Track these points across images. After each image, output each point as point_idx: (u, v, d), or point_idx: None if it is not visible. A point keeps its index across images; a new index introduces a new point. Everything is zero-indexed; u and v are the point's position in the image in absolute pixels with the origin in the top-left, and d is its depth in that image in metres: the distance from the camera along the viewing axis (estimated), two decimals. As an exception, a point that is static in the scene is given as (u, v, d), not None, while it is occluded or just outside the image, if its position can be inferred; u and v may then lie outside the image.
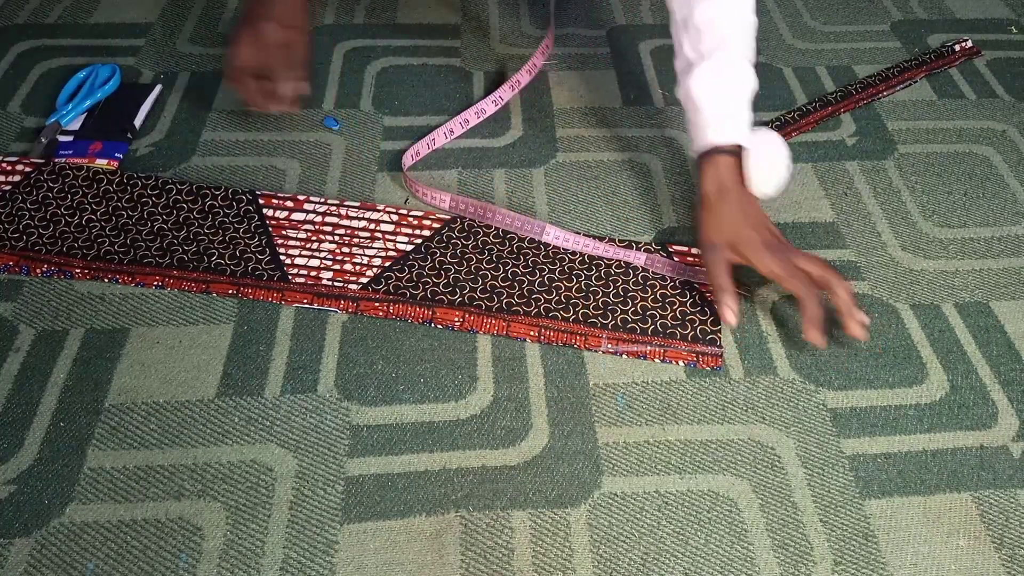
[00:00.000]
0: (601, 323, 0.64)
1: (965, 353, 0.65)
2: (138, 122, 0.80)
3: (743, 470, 0.57)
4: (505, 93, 0.86)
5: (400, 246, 0.69)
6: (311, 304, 0.65)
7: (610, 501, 0.55)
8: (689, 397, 0.61)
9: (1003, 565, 0.53)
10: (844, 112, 0.87)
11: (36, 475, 0.55)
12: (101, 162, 0.76)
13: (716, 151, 0.67)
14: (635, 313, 0.64)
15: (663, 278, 0.68)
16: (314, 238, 0.70)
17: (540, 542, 0.53)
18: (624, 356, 0.63)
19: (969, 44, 0.96)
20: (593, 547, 0.53)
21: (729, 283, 0.63)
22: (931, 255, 0.73)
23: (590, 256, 0.69)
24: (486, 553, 0.52)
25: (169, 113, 0.83)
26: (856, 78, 0.92)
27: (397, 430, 0.58)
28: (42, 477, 0.55)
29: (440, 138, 0.80)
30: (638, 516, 0.54)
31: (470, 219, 0.72)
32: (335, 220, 0.71)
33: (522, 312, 0.65)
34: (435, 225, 0.71)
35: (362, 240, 0.70)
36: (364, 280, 0.66)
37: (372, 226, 0.71)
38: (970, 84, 0.92)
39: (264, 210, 0.72)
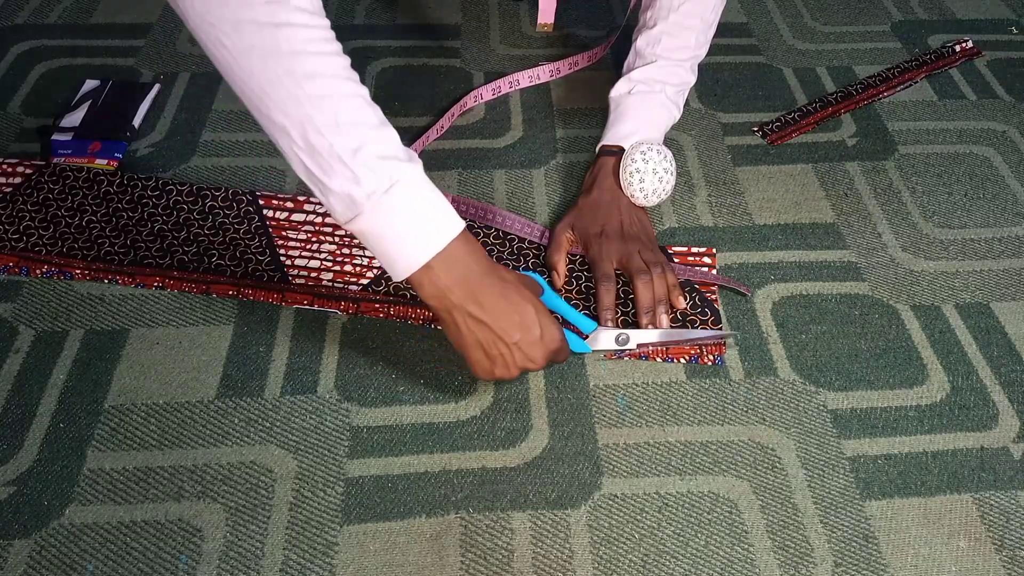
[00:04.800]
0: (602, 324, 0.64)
1: (966, 354, 0.65)
2: (137, 122, 0.80)
3: (743, 471, 0.57)
4: (563, 67, 0.90)
5: None
6: (311, 305, 0.65)
7: (610, 502, 0.55)
8: (689, 398, 0.61)
9: (1004, 566, 0.53)
10: (844, 113, 0.87)
11: (36, 476, 0.55)
12: (100, 162, 0.76)
13: (606, 151, 0.74)
14: (636, 315, 0.64)
15: None
16: (314, 239, 0.70)
17: (540, 543, 0.53)
18: (626, 357, 0.63)
19: (969, 44, 0.96)
20: (593, 548, 0.53)
21: (559, 260, 0.68)
22: (932, 256, 0.72)
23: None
24: (486, 554, 0.52)
25: (169, 114, 0.83)
26: (856, 79, 0.92)
27: (397, 431, 0.58)
28: (42, 478, 0.54)
29: (434, 134, 0.80)
30: (638, 517, 0.54)
31: (470, 220, 0.72)
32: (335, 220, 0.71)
33: None
34: None
35: None
36: (364, 281, 0.66)
37: None
38: (971, 85, 0.92)
39: (264, 211, 0.72)
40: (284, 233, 0.70)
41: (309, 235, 0.70)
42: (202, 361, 0.62)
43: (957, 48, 0.96)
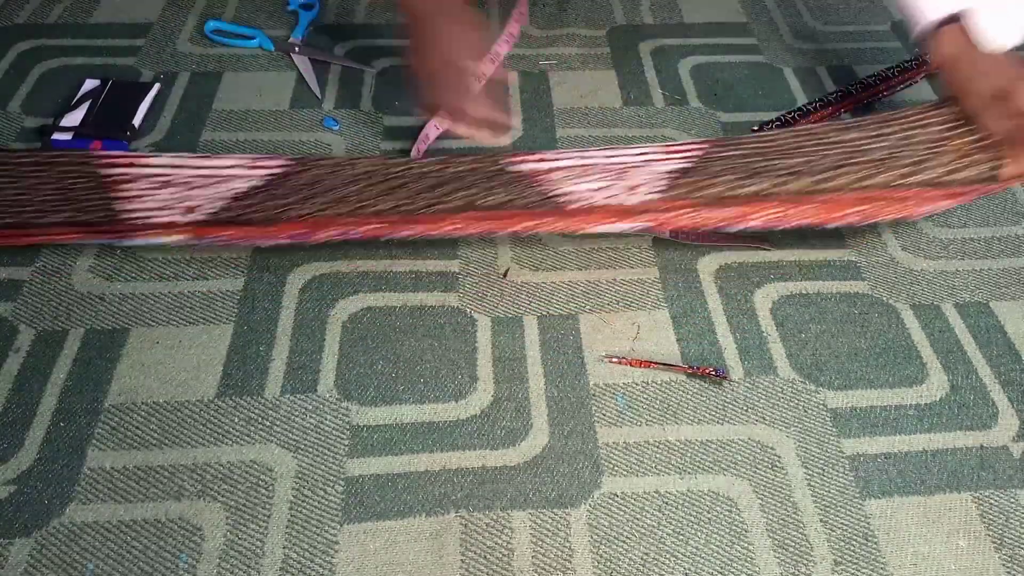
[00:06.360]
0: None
1: (965, 353, 0.65)
2: (137, 121, 0.80)
3: (743, 470, 0.57)
4: (486, 68, 0.84)
5: (253, 183, 0.67)
6: (152, 237, 0.64)
7: (610, 501, 0.55)
8: (689, 397, 0.61)
9: (1003, 565, 0.53)
10: (845, 112, 0.87)
11: (36, 475, 0.55)
12: (100, 162, 0.76)
13: (934, 27, 0.66)
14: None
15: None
16: (158, 186, 0.66)
17: (540, 542, 0.53)
18: (624, 364, 0.63)
19: (969, 44, 0.96)
20: (593, 547, 0.53)
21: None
22: (931, 255, 0.73)
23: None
24: (486, 553, 0.52)
25: (169, 113, 0.83)
26: (857, 78, 0.92)
27: (397, 430, 0.58)
28: (42, 477, 0.55)
29: (432, 133, 0.80)
30: (638, 516, 0.54)
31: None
32: (180, 170, 0.68)
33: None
34: (288, 164, 0.69)
35: (207, 182, 0.66)
36: (211, 211, 0.64)
37: (222, 171, 0.68)
38: (970, 84, 0.92)
39: (100, 170, 0.68)
40: (121, 186, 0.67)
41: (152, 183, 0.67)
42: (202, 360, 0.62)
43: (957, 48, 0.96)
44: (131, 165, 0.70)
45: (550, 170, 0.67)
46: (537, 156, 0.69)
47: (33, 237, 0.67)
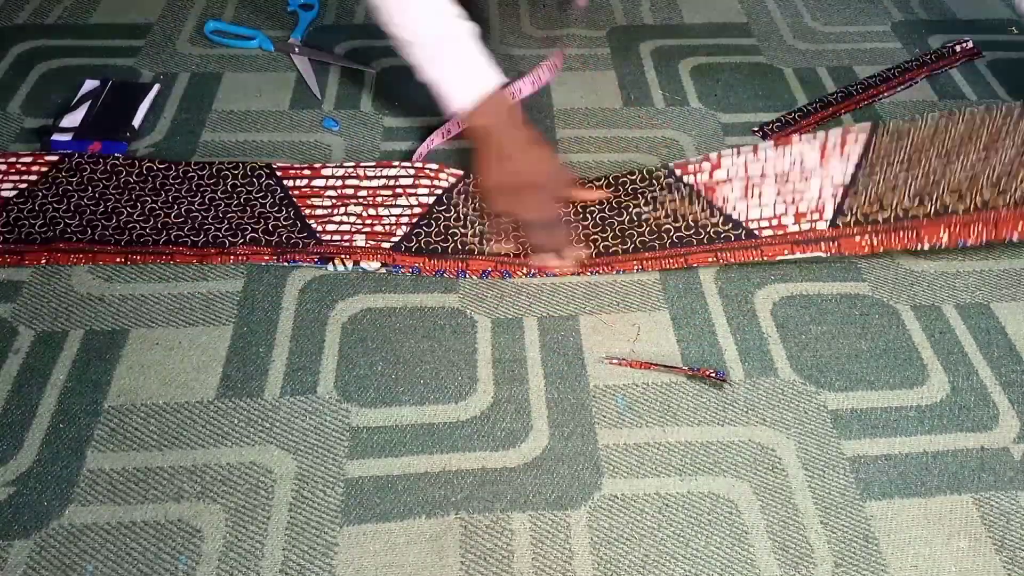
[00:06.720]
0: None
1: (966, 354, 0.65)
2: (137, 122, 0.80)
3: (744, 472, 0.57)
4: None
5: (423, 200, 0.72)
6: (351, 260, 0.68)
7: (610, 503, 0.55)
8: (689, 399, 0.61)
9: (1004, 567, 0.53)
10: (845, 113, 0.87)
11: (35, 477, 0.55)
12: (100, 163, 0.76)
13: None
14: None
15: None
16: (340, 203, 0.72)
17: (540, 544, 0.53)
18: (624, 365, 0.63)
19: (970, 45, 0.96)
20: (593, 549, 0.53)
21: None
22: (932, 256, 0.72)
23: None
24: (486, 555, 0.52)
25: (169, 114, 0.83)
26: (857, 79, 0.92)
27: (397, 432, 0.58)
28: (41, 479, 0.55)
29: (438, 138, 0.80)
30: (638, 518, 0.54)
31: None
32: (355, 183, 0.73)
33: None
34: (451, 179, 0.75)
35: (385, 199, 0.72)
36: (395, 239, 0.69)
37: (392, 183, 0.73)
38: (971, 85, 0.92)
39: (284, 182, 0.73)
40: (309, 201, 0.72)
41: (334, 201, 0.72)
42: (202, 361, 0.62)
43: (957, 48, 0.96)
44: (311, 176, 0.74)
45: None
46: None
47: (232, 256, 0.68)
